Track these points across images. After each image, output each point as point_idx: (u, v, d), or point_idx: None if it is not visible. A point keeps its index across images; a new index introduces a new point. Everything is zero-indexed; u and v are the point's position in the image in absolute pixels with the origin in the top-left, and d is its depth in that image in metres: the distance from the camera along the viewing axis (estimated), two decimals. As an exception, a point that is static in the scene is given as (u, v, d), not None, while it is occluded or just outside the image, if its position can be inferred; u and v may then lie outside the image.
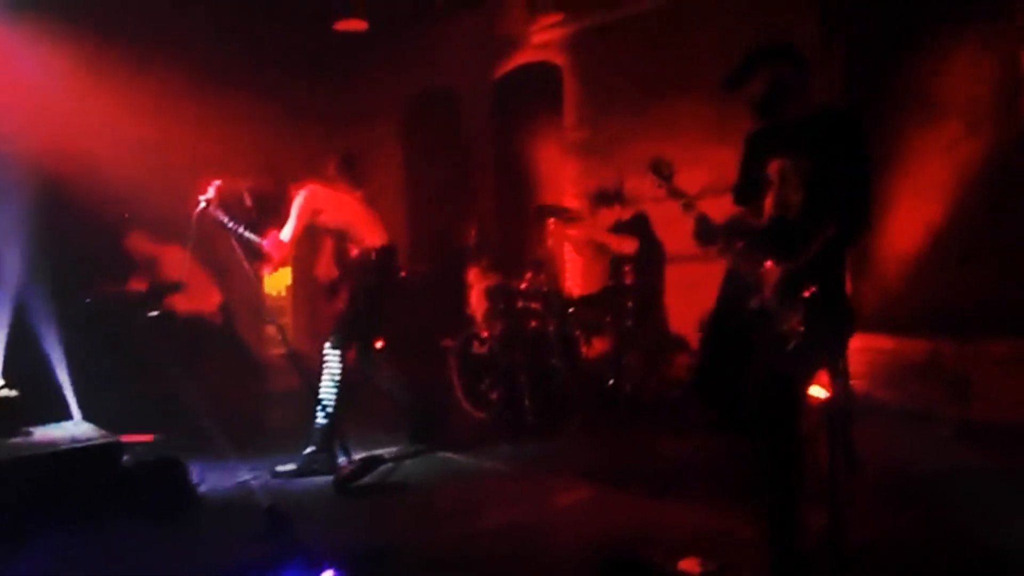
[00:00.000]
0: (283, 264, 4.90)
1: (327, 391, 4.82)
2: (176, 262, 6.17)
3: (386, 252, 5.11)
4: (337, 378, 4.85)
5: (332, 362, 4.87)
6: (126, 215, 6.20)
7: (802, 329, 2.92)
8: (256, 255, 4.83)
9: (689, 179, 3.63)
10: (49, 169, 6.10)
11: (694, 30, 6.32)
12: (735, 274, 3.23)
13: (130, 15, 7.12)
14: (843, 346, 3.07)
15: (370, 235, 5.07)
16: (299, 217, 4.89)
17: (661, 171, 3.40)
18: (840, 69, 5.51)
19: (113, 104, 6.82)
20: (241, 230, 4.69)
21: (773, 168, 3.13)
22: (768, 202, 3.16)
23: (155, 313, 6.26)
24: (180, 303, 6.34)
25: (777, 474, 3.06)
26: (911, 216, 5.46)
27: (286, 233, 4.85)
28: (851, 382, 3.39)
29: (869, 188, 3.01)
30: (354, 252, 5.06)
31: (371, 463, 4.53)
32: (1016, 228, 4.94)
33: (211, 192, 4.63)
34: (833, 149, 3.00)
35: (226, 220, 4.66)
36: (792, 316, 2.95)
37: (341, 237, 5.11)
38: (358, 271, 5.02)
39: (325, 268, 5.19)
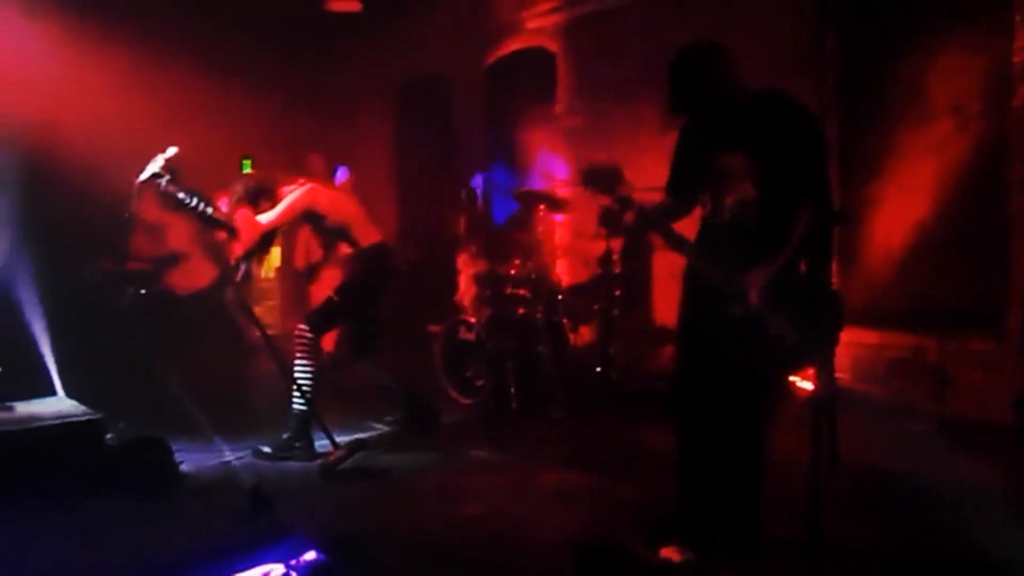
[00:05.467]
0: (248, 246, 4.51)
1: (303, 374, 4.68)
2: (182, 233, 6.05)
3: (382, 250, 4.98)
4: (311, 360, 4.72)
5: (306, 344, 4.71)
6: (127, 214, 5.86)
7: (792, 329, 2.86)
8: (223, 231, 4.50)
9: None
10: (38, 144, 6.04)
11: (688, 19, 6.29)
12: (697, 277, 3.13)
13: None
14: (835, 341, 2.99)
15: (367, 235, 4.93)
16: (288, 211, 4.63)
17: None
18: (832, 67, 5.53)
19: (105, 81, 6.76)
20: (200, 206, 4.25)
21: (728, 161, 2.99)
22: (719, 195, 3.03)
23: (143, 291, 6.22)
24: (175, 280, 6.27)
25: (744, 468, 3.09)
26: (898, 212, 5.49)
27: (266, 218, 4.56)
28: (836, 375, 3.41)
29: (827, 171, 2.95)
30: (347, 250, 4.92)
31: (356, 447, 4.53)
32: (999, 227, 4.97)
33: (160, 161, 4.14)
34: (786, 136, 2.90)
35: (181, 195, 4.21)
36: (781, 317, 2.87)
37: (338, 235, 4.95)
38: (353, 267, 4.90)
39: (302, 255, 5.05)
